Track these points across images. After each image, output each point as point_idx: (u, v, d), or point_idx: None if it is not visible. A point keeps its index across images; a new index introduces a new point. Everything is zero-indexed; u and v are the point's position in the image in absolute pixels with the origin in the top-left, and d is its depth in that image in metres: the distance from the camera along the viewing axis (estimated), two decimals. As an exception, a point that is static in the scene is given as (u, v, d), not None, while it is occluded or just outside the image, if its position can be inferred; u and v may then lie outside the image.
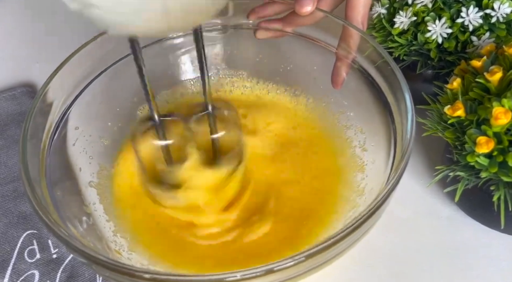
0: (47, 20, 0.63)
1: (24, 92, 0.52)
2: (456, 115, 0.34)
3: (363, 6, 0.39)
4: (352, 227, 0.27)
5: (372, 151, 0.38)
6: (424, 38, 0.40)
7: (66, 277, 0.38)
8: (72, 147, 0.37)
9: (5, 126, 0.49)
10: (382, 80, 0.36)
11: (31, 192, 0.29)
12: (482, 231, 0.40)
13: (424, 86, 0.44)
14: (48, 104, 0.35)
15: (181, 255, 0.36)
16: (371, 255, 0.39)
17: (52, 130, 0.35)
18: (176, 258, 0.35)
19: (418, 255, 0.39)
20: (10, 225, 0.41)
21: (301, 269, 0.27)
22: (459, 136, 0.35)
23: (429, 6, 0.40)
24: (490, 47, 0.37)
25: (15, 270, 0.38)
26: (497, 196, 0.34)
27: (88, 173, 0.37)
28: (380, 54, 0.36)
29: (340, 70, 0.40)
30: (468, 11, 0.39)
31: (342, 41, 0.39)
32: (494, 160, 0.32)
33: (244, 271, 0.25)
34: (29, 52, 0.59)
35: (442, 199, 0.42)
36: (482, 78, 0.34)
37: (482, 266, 0.38)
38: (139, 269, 0.27)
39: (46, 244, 0.40)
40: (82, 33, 0.39)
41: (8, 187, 0.44)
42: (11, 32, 0.62)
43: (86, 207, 0.35)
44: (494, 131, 0.32)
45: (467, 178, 0.35)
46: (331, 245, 0.26)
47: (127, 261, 0.33)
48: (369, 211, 0.28)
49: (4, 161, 0.46)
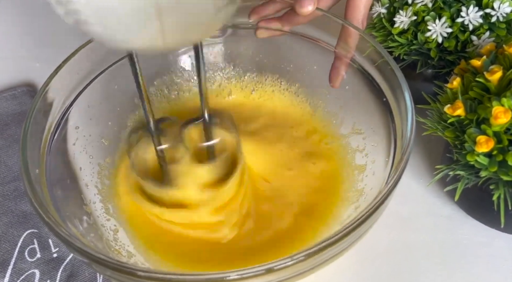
0: (47, 20, 0.63)
1: (24, 92, 0.52)
2: (456, 114, 0.34)
3: (364, 6, 0.39)
4: (352, 226, 0.27)
5: (372, 150, 0.38)
6: (424, 37, 0.40)
7: (67, 276, 0.38)
8: (72, 147, 0.37)
9: (5, 126, 0.49)
10: (382, 80, 0.36)
11: (31, 191, 0.29)
12: (482, 230, 0.40)
13: (424, 85, 0.44)
14: (48, 104, 0.35)
15: (182, 254, 0.36)
16: (371, 254, 0.39)
17: (52, 130, 0.35)
18: (177, 257, 0.36)
19: (418, 253, 0.39)
20: (11, 224, 0.41)
21: (301, 268, 0.27)
22: (459, 136, 0.35)
23: (429, 5, 0.40)
24: (490, 46, 0.37)
25: (16, 269, 0.38)
26: (497, 195, 0.34)
27: (88, 172, 0.37)
28: (380, 53, 0.36)
29: (338, 69, 0.40)
30: (468, 11, 0.39)
31: (341, 40, 0.39)
32: (493, 159, 0.32)
33: (243, 270, 0.25)
34: (29, 52, 0.59)
35: (442, 198, 0.42)
36: (482, 78, 0.34)
37: (482, 265, 0.38)
38: (140, 268, 0.27)
39: (46, 243, 0.40)
40: (82, 34, 0.39)
41: (8, 186, 0.44)
42: (11, 32, 0.62)
43: (86, 206, 0.35)
44: (494, 131, 0.32)
45: (467, 177, 0.35)
46: (331, 244, 0.26)
47: (128, 260, 0.33)
48: (369, 211, 0.28)
49: (4, 160, 0.46)
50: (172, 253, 0.36)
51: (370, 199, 0.29)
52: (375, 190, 0.32)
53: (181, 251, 0.36)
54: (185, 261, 0.35)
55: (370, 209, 0.28)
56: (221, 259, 0.35)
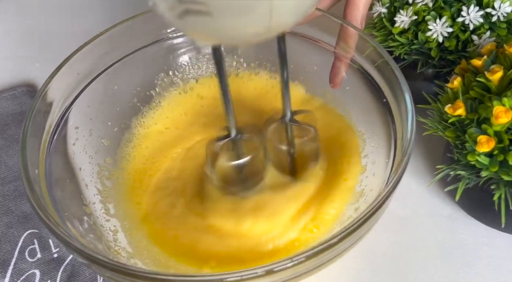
0: (47, 20, 0.63)
1: (24, 92, 0.52)
2: (457, 114, 0.34)
3: (364, 6, 0.39)
4: (352, 227, 0.27)
5: (372, 151, 0.38)
6: (425, 37, 0.40)
7: (67, 277, 0.38)
8: (72, 147, 0.37)
9: (5, 126, 0.49)
10: (382, 80, 0.36)
11: (30, 191, 0.29)
12: (482, 230, 0.40)
13: (424, 85, 0.44)
14: (48, 104, 0.35)
15: (182, 255, 0.36)
16: (372, 254, 0.39)
17: (52, 130, 0.35)
18: (177, 258, 0.35)
19: (418, 254, 0.39)
20: (11, 225, 0.41)
21: (301, 269, 0.27)
22: (459, 136, 0.35)
23: (429, 5, 0.40)
24: (491, 46, 0.37)
25: (16, 270, 0.38)
26: (497, 195, 0.34)
27: (88, 172, 0.37)
28: (380, 53, 0.36)
29: (338, 70, 0.40)
30: (469, 10, 0.39)
31: (341, 40, 0.39)
32: (494, 159, 0.32)
33: (243, 272, 0.25)
34: (29, 52, 0.59)
35: (442, 198, 0.42)
36: (483, 77, 0.34)
37: (483, 265, 0.38)
38: (139, 269, 0.26)
39: (47, 244, 0.40)
40: (82, 33, 0.39)
41: (8, 186, 0.44)
42: (11, 32, 0.62)
43: (86, 207, 0.35)
44: (495, 130, 0.32)
45: (467, 177, 0.35)
46: (331, 246, 0.26)
47: (127, 261, 0.33)
48: (369, 212, 0.28)
49: (4, 160, 0.46)
50: (172, 255, 0.35)
51: (370, 200, 0.29)
52: (375, 191, 0.32)
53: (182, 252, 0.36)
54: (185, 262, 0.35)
55: (370, 210, 0.28)
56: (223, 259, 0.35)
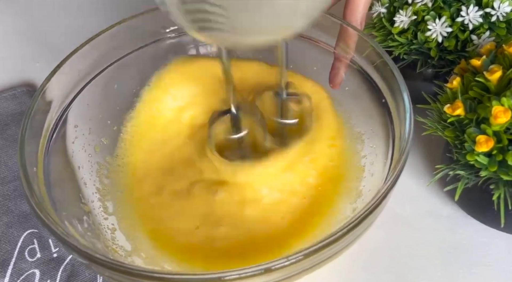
0: (47, 20, 0.64)
1: (24, 92, 0.52)
2: (456, 114, 0.34)
3: (363, 7, 0.39)
4: (350, 226, 0.27)
5: (371, 151, 0.38)
6: (424, 37, 0.40)
7: (67, 276, 0.38)
8: (71, 145, 0.37)
9: (5, 126, 0.49)
10: (381, 80, 0.36)
11: (29, 191, 0.29)
12: (482, 230, 0.40)
13: (424, 85, 0.44)
14: (47, 103, 0.35)
15: (181, 253, 0.36)
16: (370, 254, 0.39)
17: (51, 129, 0.35)
18: (176, 256, 0.35)
19: (417, 254, 0.39)
20: (11, 224, 0.41)
21: (299, 268, 0.27)
22: (458, 135, 0.35)
23: (429, 5, 0.40)
24: (490, 46, 0.37)
25: (16, 269, 0.38)
26: (497, 194, 0.34)
27: (87, 171, 0.37)
28: (379, 54, 0.36)
29: (338, 70, 0.40)
30: (468, 10, 0.39)
31: (341, 41, 0.39)
32: (493, 159, 0.32)
33: (241, 270, 0.25)
34: (29, 52, 0.59)
35: (442, 198, 0.42)
36: (482, 77, 0.34)
37: (482, 265, 0.38)
38: (138, 268, 0.26)
39: (46, 243, 0.40)
40: (82, 33, 0.39)
41: (8, 186, 0.44)
42: (11, 32, 0.63)
43: (85, 206, 0.35)
44: (494, 130, 0.32)
45: (467, 176, 0.35)
46: (328, 244, 0.26)
47: (126, 260, 0.33)
48: (366, 211, 0.28)
49: (4, 160, 0.46)
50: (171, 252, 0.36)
51: (368, 200, 0.29)
52: (373, 192, 0.32)
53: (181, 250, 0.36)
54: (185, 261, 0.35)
55: (367, 209, 0.28)
56: (217, 258, 0.35)
